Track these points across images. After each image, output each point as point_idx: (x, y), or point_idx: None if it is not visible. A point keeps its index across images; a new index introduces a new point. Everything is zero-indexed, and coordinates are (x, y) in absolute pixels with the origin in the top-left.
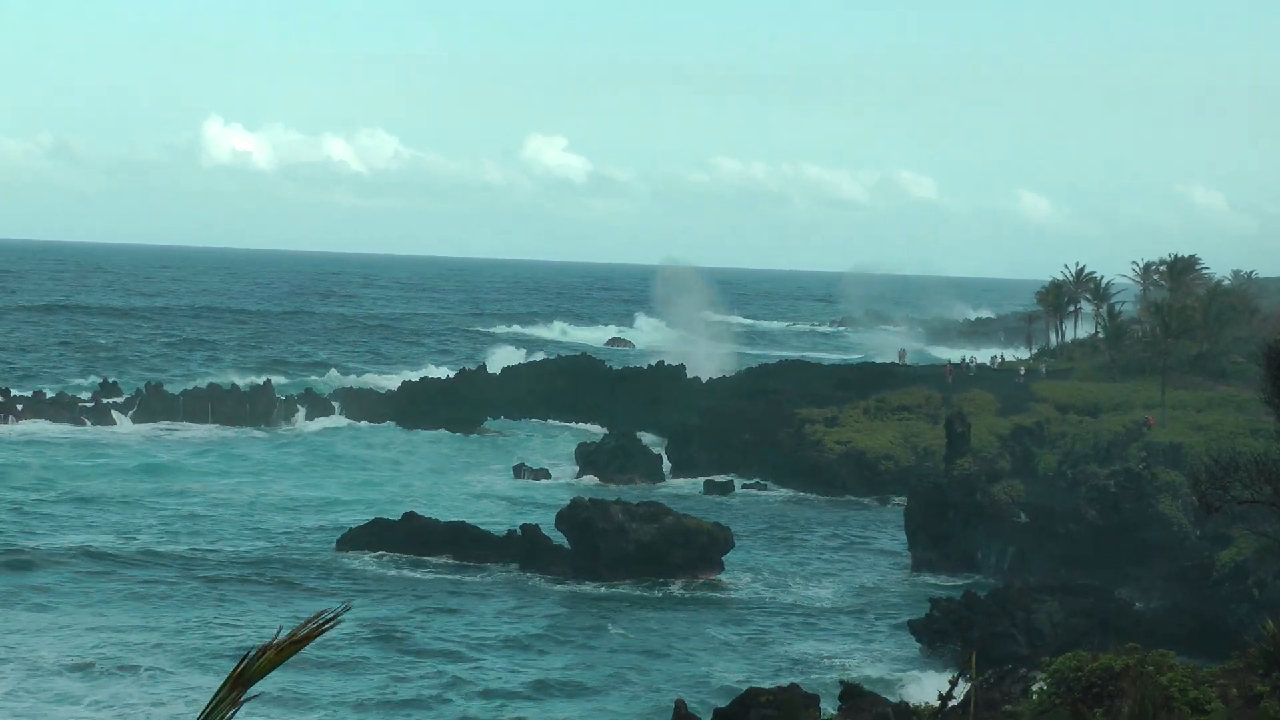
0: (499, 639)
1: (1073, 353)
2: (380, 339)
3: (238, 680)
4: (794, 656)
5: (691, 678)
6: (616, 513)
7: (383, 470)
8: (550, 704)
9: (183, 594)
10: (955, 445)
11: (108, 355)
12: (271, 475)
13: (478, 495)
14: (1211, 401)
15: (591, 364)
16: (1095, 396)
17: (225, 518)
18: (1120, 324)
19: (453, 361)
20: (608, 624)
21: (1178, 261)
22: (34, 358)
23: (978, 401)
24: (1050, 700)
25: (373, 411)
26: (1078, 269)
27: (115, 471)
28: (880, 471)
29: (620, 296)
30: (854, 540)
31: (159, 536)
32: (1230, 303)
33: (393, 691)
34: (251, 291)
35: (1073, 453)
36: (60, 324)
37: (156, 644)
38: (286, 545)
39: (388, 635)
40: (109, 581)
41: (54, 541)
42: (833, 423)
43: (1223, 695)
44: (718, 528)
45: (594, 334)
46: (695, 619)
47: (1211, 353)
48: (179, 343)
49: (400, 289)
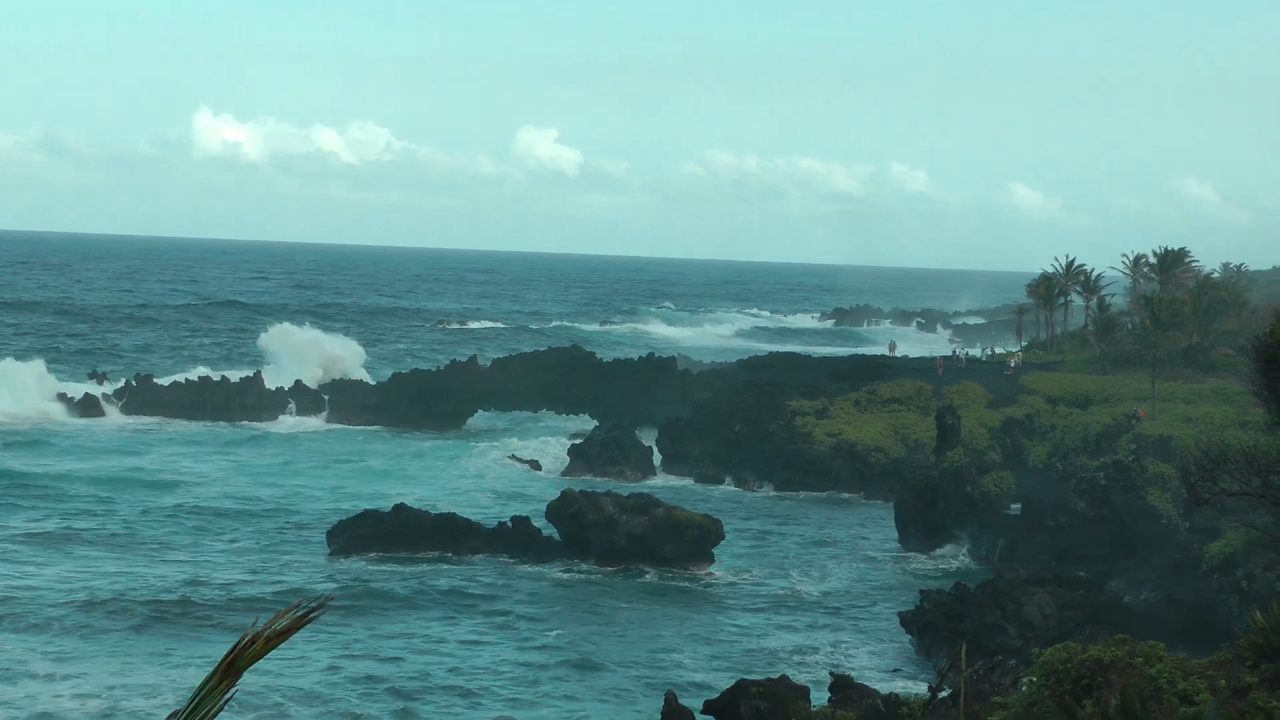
0: (486, 629)
1: (1062, 345)
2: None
3: (227, 669)
4: (784, 648)
5: (682, 669)
6: (607, 505)
7: (372, 462)
8: (537, 695)
9: (162, 584)
10: (946, 437)
11: (99, 346)
12: (260, 467)
13: (468, 487)
14: (1201, 394)
15: (583, 356)
16: (1085, 389)
17: (213, 509)
18: (1110, 316)
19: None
20: (597, 616)
21: (1167, 254)
22: (20, 346)
23: (968, 394)
24: (1039, 692)
25: (362, 404)
26: (1068, 262)
27: (100, 462)
28: (871, 463)
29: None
30: (844, 532)
31: (144, 526)
32: (1220, 296)
33: (374, 681)
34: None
35: (1063, 445)
36: (48, 314)
37: (138, 638)
38: (275, 537)
39: (374, 626)
40: (89, 569)
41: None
42: (823, 415)
43: (1211, 687)
44: (708, 520)
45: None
46: (685, 611)
47: (1201, 345)
48: (183, 332)
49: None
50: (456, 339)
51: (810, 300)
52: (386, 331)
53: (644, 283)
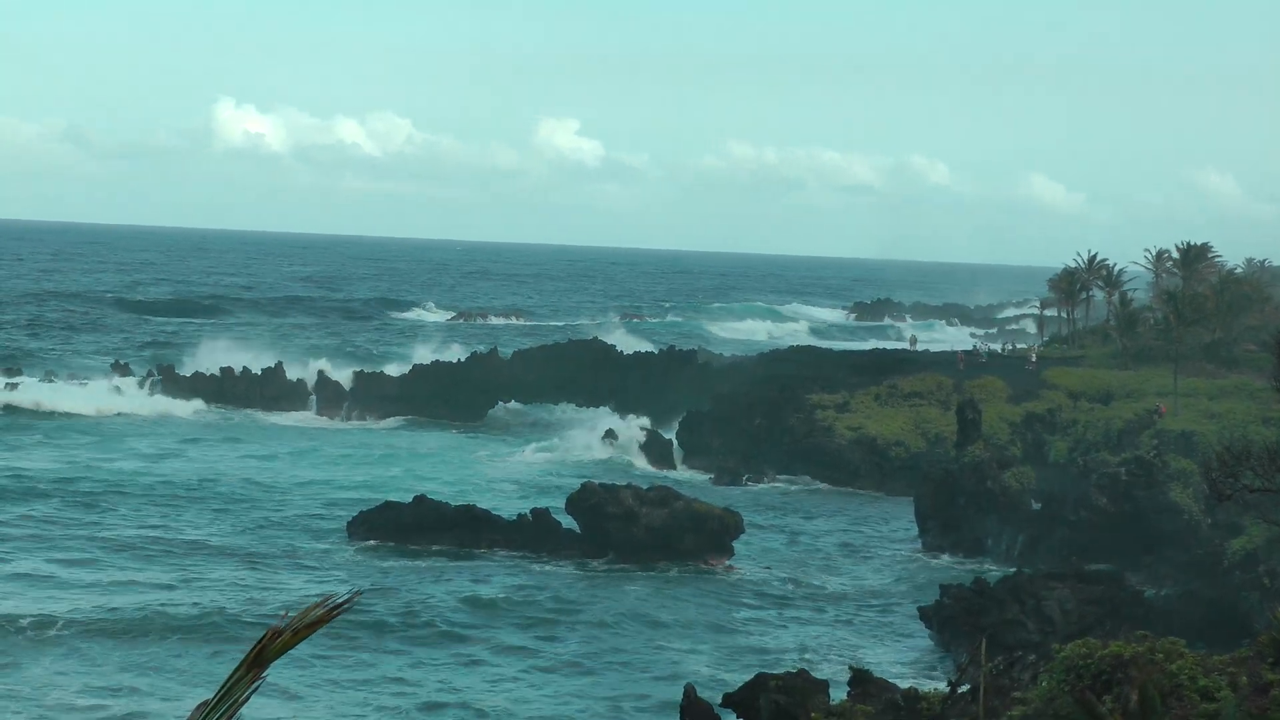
0: (505, 621)
1: (1084, 340)
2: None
3: (255, 661)
4: (803, 642)
5: (701, 662)
6: (627, 497)
7: (393, 453)
8: (555, 687)
9: (185, 575)
10: (966, 432)
11: (123, 336)
12: (281, 457)
13: (488, 479)
14: (1223, 390)
15: (603, 348)
16: (1107, 384)
17: (234, 499)
18: (1132, 311)
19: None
20: (616, 608)
21: (1190, 249)
22: (46, 338)
23: (989, 388)
24: (1059, 688)
25: (383, 395)
26: (1090, 256)
27: (123, 452)
28: (891, 458)
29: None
30: (864, 526)
31: (165, 518)
32: (1243, 291)
33: (394, 670)
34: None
35: (1084, 440)
36: (71, 304)
37: (163, 628)
38: (296, 527)
39: (394, 616)
40: (114, 562)
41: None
42: (844, 409)
43: (1232, 683)
44: (728, 513)
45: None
46: (705, 604)
47: (1224, 341)
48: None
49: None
50: (536, 335)
51: (846, 294)
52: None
53: (679, 276)
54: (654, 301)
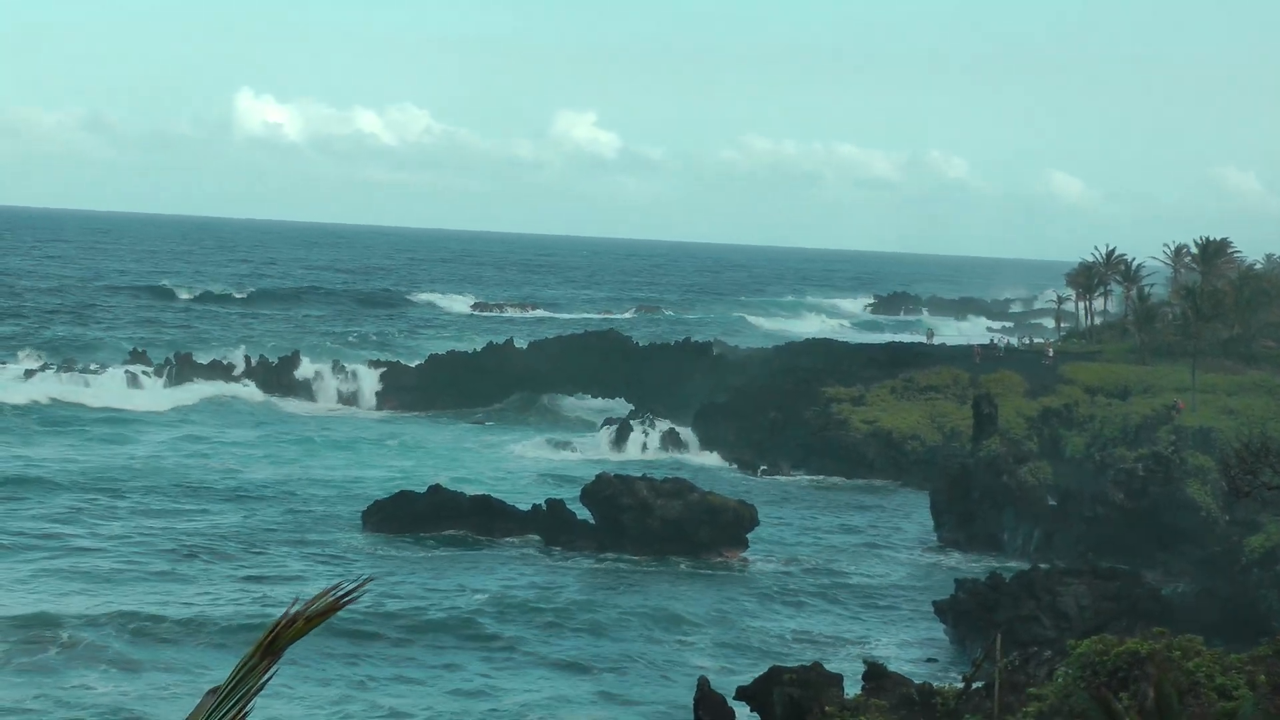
0: (519, 612)
1: (1102, 335)
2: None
3: (267, 649)
4: (817, 636)
5: (714, 655)
6: (642, 489)
7: (408, 443)
8: (569, 680)
9: (203, 564)
10: (982, 426)
11: (140, 324)
12: (296, 447)
13: (503, 469)
14: (1242, 386)
15: (619, 339)
16: (1124, 379)
17: (250, 488)
18: (1150, 307)
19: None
20: (631, 599)
21: (1209, 244)
22: (62, 326)
23: (1006, 382)
24: (1074, 684)
25: (400, 385)
26: (1108, 251)
27: (138, 442)
28: (907, 451)
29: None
30: (879, 520)
31: (180, 507)
32: (1262, 286)
33: (405, 660)
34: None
35: (1101, 435)
36: (87, 293)
37: (180, 617)
38: (310, 517)
39: (406, 606)
40: (126, 554)
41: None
42: (859, 402)
43: (1250, 682)
44: (743, 505)
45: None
46: (719, 596)
47: (1242, 336)
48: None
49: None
50: (554, 327)
51: (870, 287)
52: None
53: (701, 270)
54: (685, 294)
